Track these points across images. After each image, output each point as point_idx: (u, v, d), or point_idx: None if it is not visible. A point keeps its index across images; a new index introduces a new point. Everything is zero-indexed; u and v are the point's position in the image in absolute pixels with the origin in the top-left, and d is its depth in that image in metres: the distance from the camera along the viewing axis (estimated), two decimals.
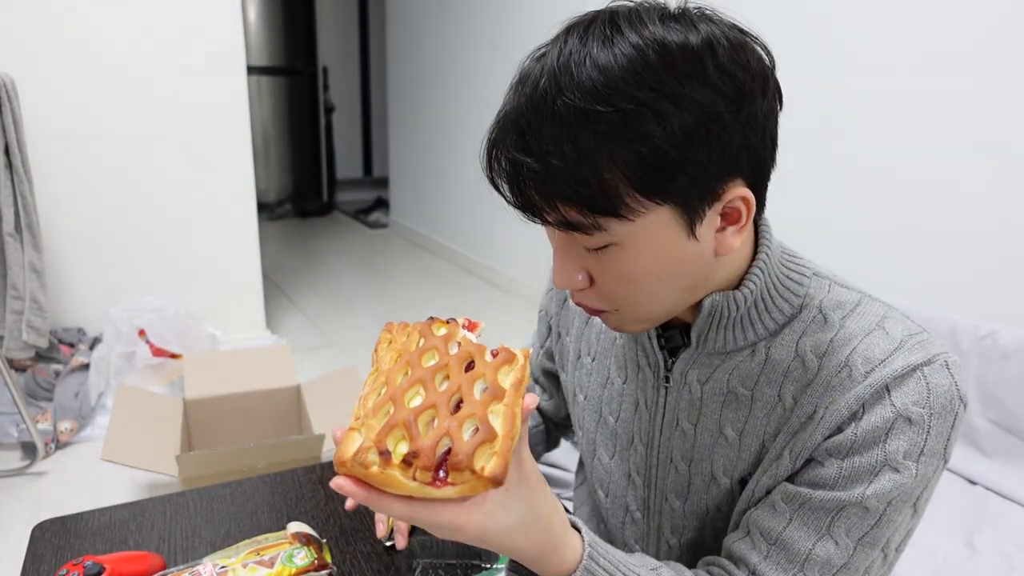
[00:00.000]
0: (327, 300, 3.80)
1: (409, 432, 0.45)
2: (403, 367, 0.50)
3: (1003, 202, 1.72)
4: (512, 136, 0.53)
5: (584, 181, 0.51)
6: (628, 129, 0.49)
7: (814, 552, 0.60)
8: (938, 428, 0.57)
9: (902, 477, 0.57)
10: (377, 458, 0.44)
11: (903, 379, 0.57)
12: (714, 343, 0.65)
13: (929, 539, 1.41)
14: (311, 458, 1.81)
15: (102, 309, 2.65)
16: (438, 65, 4.40)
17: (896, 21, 1.89)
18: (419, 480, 0.44)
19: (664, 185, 0.52)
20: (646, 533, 0.78)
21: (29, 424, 2.08)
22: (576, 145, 0.50)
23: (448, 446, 0.45)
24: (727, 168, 0.53)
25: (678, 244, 0.55)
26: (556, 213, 0.54)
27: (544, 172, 0.51)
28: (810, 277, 0.64)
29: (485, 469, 0.44)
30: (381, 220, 5.64)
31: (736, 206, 0.56)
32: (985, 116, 1.73)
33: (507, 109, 0.54)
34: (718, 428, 0.68)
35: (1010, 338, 1.59)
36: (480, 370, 0.49)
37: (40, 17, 2.44)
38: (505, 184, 0.55)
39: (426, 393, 0.48)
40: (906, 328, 0.61)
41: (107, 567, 0.71)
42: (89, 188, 2.65)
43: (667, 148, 0.50)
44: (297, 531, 0.77)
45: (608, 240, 0.54)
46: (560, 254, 0.59)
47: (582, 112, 0.49)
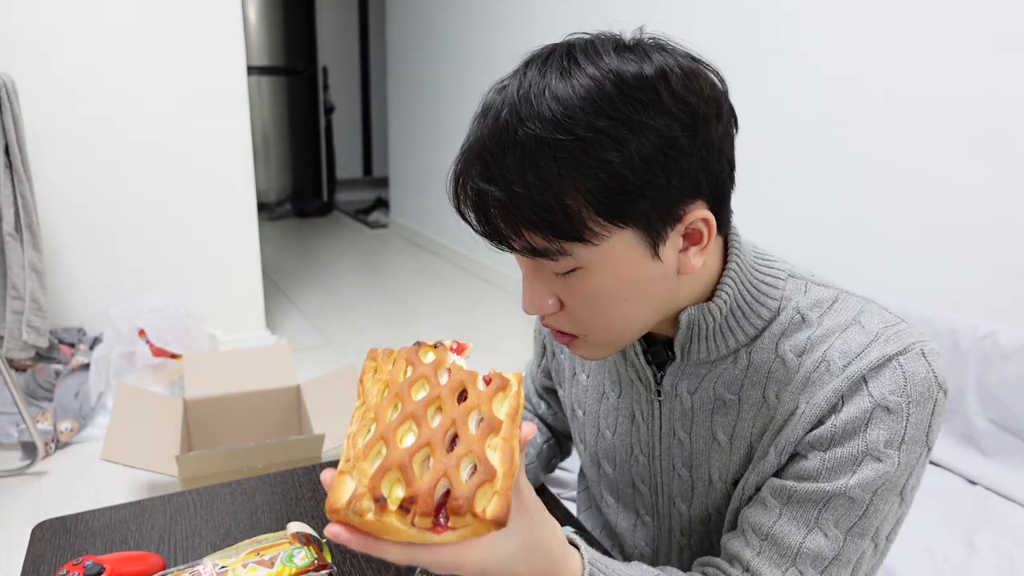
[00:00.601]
0: (327, 300, 3.80)
1: (404, 475, 0.43)
2: (392, 400, 0.48)
3: (1003, 202, 1.72)
4: (476, 166, 0.54)
5: (547, 208, 0.52)
6: (588, 156, 0.51)
7: (805, 545, 0.61)
8: (917, 416, 0.58)
9: (885, 466, 0.58)
10: (372, 505, 0.42)
11: (879, 369, 0.59)
12: (697, 354, 0.67)
13: (929, 539, 1.41)
14: (311, 458, 1.81)
15: (102, 309, 2.65)
16: (438, 65, 4.40)
17: (896, 21, 1.89)
18: (418, 526, 0.42)
19: (625, 209, 0.53)
20: (657, 535, 0.79)
21: (29, 424, 2.08)
22: (538, 173, 0.51)
23: (446, 488, 0.43)
24: (687, 190, 0.55)
25: (642, 265, 0.57)
26: (522, 240, 0.55)
27: (508, 200, 0.53)
28: (785, 279, 0.66)
29: (487, 511, 0.42)
30: (381, 220, 5.65)
31: (698, 227, 0.58)
32: (986, 116, 1.73)
33: (471, 140, 0.56)
34: (711, 434, 0.70)
35: (1010, 338, 1.59)
36: (474, 400, 0.47)
37: (40, 17, 2.44)
38: (472, 213, 0.56)
39: (419, 430, 0.46)
40: (882, 320, 0.62)
41: (107, 567, 0.71)
42: (89, 188, 2.65)
43: (627, 173, 0.52)
44: (297, 531, 0.77)
45: (573, 264, 0.56)
46: (529, 280, 0.60)
47: (542, 141, 0.51)
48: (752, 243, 0.68)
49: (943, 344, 1.71)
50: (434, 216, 4.81)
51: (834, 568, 0.61)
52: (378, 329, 3.41)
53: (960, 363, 1.67)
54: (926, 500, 1.54)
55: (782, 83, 2.17)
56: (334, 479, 0.45)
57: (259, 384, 2.14)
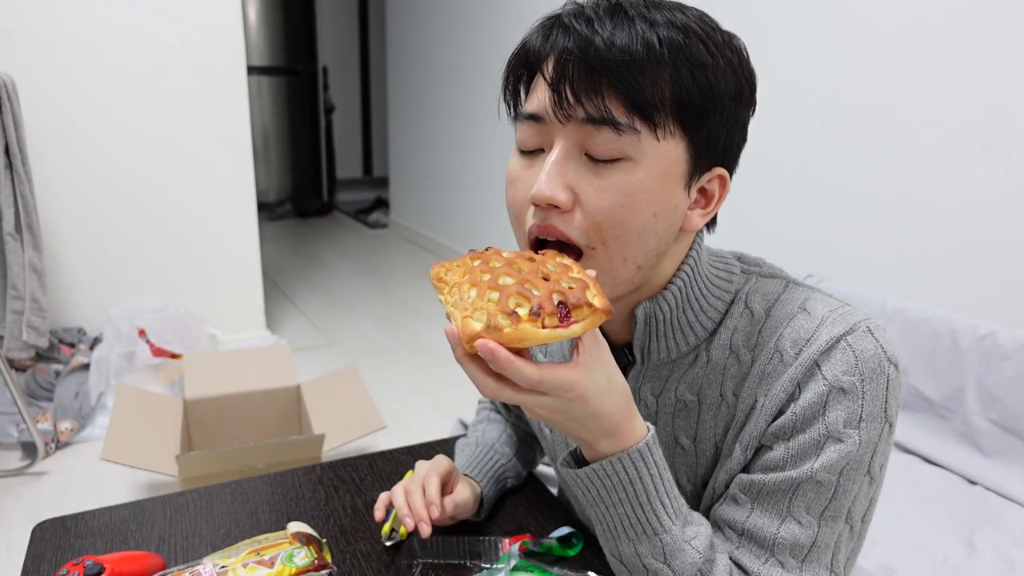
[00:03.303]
0: (327, 300, 3.80)
1: (525, 295, 0.50)
2: (479, 271, 0.54)
3: (1004, 202, 1.71)
4: (580, 21, 0.56)
5: (643, 74, 0.54)
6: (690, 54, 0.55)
7: (780, 535, 0.61)
8: (872, 393, 0.58)
9: (847, 446, 0.59)
10: (507, 320, 0.48)
11: (829, 352, 0.59)
12: (657, 354, 0.67)
13: (929, 539, 1.41)
14: (311, 458, 1.81)
15: (102, 309, 2.65)
16: (438, 65, 4.40)
17: (897, 20, 1.89)
18: (548, 326, 0.48)
19: (696, 116, 0.56)
20: None
21: (29, 424, 2.08)
22: (646, 44, 0.54)
23: (559, 299, 0.50)
24: (725, 144, 0.59)
25: (675, 188, 0.58)
26: (597, 102, 0.55)
27: (607, 51, 0.54)
28: (736, 272, 0.67)
29: (596, 303, 0.50)
30: (381, 220, 5.65)
31: (711, 188, 0.61)
32: (986, 116, 1.73)
33: (566, 6, 0.58)
34: (673, 439, 0.70)
35: (1010, 338, 1.59)
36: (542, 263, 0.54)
37: (40, 17, 2.44)
38: (552, 63, 0.57)
39: (516, 275, 0.52)
40: (827, 305, 0.63)
41: (107, 567, 0.71)
42: (89, 188, 2.65)
43: (714, 82, 0.56)
44: (297, 531, 0.77)
45: (624, 152, 0.56)
46: (557, 164, 0.57)
47: (653, 24, 0.55)
48: (708, 246, 0.69)
49: (943, 344, 1.71)
50: (434, 216, 4.81)
51: (813, 554, 0.61)
52: (378, 329, 3.41)
53: (960, 363, 1.67)
54: (926, 500, 1.54)
55: (782, 83, 2.17)
56: (461, 322, 0.49)
57: (259, 384, 2.14)
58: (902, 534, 1.42)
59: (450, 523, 0.85)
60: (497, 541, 0.82)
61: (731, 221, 0.88)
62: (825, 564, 0.61)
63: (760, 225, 2.32)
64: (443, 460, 0.85)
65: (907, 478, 1.62)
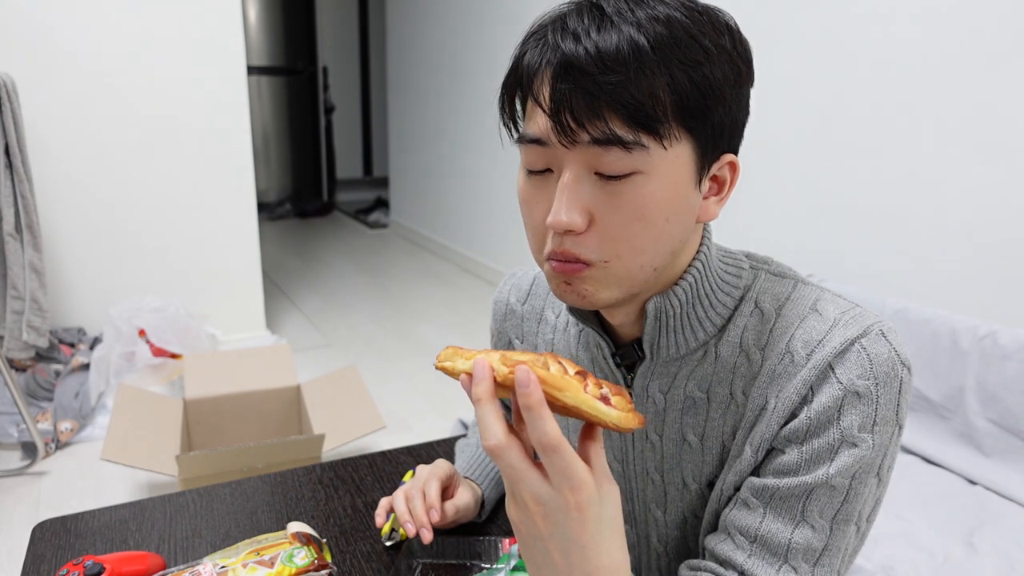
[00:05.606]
0: (327, 300, 3.80)
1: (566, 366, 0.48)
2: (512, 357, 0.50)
3: (1003, 202, 1.72)
4: (567, 40, 0.55)
5: (640, 90, 0.53)
6: (683, 54, 0.54)
7: (794, 540, 0.61)
8: (886, 396, 0.58)
9: (861, 451, 0.59)
10: (557, 365, 0.47)
11: (843, 355, 0.59)
12: (667, 350, 0.66)
13: (929, 539, 1.41)
14: (311, 458, 1.81)
15: (102, 309, 2.65)
16: (438, 65, 4.40)
17: (897, 20, 1.89)
18: (590, 394, 0.46)
19: (699, 115, 0.55)
20: (635, 543, 0.79)
21: (29, 424, 2.08)
22: (639, 57, 0.53)
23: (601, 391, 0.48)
24: (731, 130, 0.59)
25: (686, 188, 0.58)
26: (600, 125, 0.54)
27: (600, 74, 0.53)
28: (746, 268, 0.67)
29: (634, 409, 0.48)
30: (381, 220, 5.65)
31: (723, 174, 0.61)
32: (986, 116, 1.73)
33: (553, 16, 0.57)
34: (681, 436, 0.69)
35: (1010, 338, 1.59)
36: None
37: (40, 17, 2.44)
38: (547, 91, 0.55)
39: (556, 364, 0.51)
40: (838, 306, 0.63)
41: (107, 567, 0.71)
42: (89, 188, 2.65)
43: (712, 77, 0.55)
44: (297, 531, 0.77)
45: (636, 167, 0.55)
46: (570, 189, 0.57)
47: (643, 28, 0.54)
48: (718, 244, 0.69)
49: (943, 344, 1.71)
50: (434, 216, 4.81)
51: (824, 558, 0.61)
52: (378, 329, 3.41)
53: (960, 363, 1.67)
54: (926, 500, 1.54)
55: (782, 83, 2.17)
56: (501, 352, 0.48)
57: (259, 384, 2.14)
58: (902, 534, 1.42)
59: (451, 527, 0.85)
60: (497, 541, 0.82)
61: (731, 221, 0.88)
62: (835, 567, 0.61)
63: (760, 225, 2.32)
64: (444, 464, 0.85)
65: (907, 478, 1.62)
